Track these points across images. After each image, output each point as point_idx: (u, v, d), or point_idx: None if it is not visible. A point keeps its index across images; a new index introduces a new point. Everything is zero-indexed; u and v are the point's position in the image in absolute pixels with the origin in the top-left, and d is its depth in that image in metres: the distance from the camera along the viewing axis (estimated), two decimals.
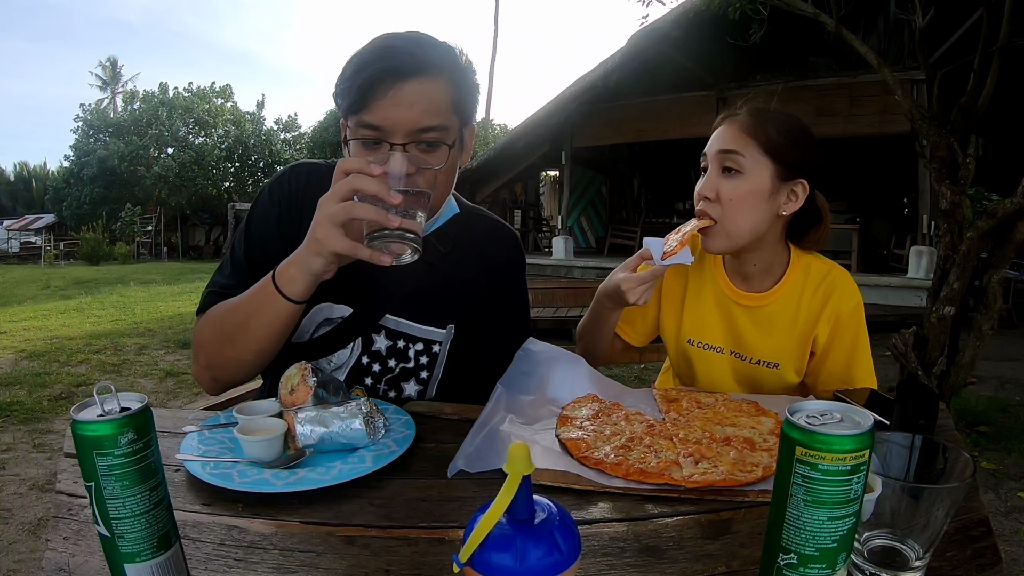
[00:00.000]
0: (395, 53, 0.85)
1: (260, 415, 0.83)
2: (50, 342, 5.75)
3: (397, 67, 0.83)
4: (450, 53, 0.90)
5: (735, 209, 1.03)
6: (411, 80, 0.84)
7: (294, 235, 0.92)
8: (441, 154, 0.88)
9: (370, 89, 0.84)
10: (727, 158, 1.03)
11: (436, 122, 0.86)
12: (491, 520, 0.42)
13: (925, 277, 6.11)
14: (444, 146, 0.88)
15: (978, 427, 3.31)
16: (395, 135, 0.85)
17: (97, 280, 12.07)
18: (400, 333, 1.05)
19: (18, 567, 2.06)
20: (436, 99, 0.86)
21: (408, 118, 0.84)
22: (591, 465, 0.74)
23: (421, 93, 0.84)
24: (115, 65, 33.06)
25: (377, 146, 0.87)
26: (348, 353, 1.04)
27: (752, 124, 1.04)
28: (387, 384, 1.07)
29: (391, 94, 0.83)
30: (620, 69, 7.80)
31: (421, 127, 0.85)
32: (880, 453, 0.57)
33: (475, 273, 1.07)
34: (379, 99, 0.84)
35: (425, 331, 1.05)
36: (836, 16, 3.46)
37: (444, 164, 0.88)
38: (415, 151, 0.87)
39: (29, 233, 24.27)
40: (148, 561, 0.52)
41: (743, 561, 0.58)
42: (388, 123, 0.85)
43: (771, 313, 1.11)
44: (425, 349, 1.06)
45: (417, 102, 0.84)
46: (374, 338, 1.04)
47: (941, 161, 2.97)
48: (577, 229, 11.47)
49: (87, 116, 23.19)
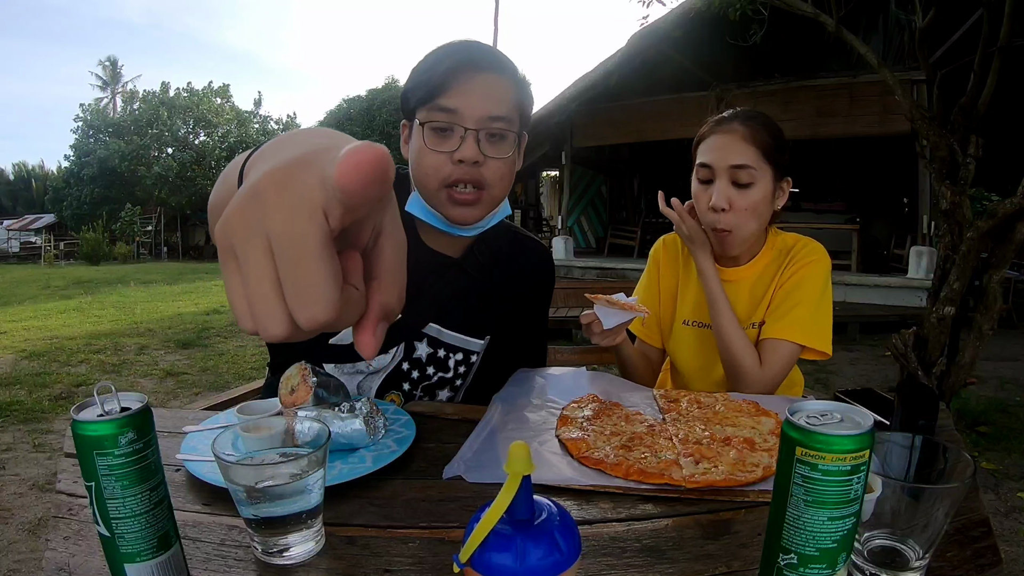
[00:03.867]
0: (471, 49, 0.92)
1: (261, 415, 0.83)
2: (50, 342, 5.75)
3: (475, 59, 0.91)
4: (514, 64, 0.97)
5: (749, 217, 1.11)
6: (486, 72, 0.91)
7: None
8: (507, 145, 0.93)
9: (450, 75, 0.90)
10: (739, 173, 1.08)
11: (504, 112, 0.92)
12: (491, 520, 0.42)
13: (925, 277, 6.10)
14: (511, 135, 0.94)
15: (978, 427, 3.31)
16: (468, 120, 0.90)
17: (97, 280, 12.07)
18: (442, 343, 1.07)
19: (18, 567, 2.06)
20: (506, 93, 0.93)
21: (482, 105, 0.90)
22: (591, 465, 0.74)
23: (495, 84, 0.92)
24: (115, 65, 33.07)
25: (447, 132, 0.91)
26: (389, 358, 1.05)
27: (751, 134, 1.08)
28: (423, 391, 1.09)
29: (467, 81, 0.90)
30: (620, 69, 7.80)
31: (492, 115, 0.91)
32: (880, 453, 0.57)
33: (512, 288, 1.12)
34: (457, 85, 0.90)
35: (465, 341, 1.08)
36: (836, 16, 3.46)
37: (508, 155, 0.94)
38: (485, 140, 0.92)
39: (29, 233, 24.28)
40: (148, 561, 0.53)
41: (743, 561, 0.58)
42: (464, 107, 0.90)
43: (753, 281, 1.20)
44: (464, 359, 1.09)
45: (491, 92, 0.91)
46: (416, 345, 1.06)
47: (941, 161, 2.98)
48: (577, 229, 11.46)
49: (87, 116, 23.20)
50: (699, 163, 1.13)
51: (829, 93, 7.39)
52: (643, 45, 7.33)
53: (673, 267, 1.30)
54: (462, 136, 0.90)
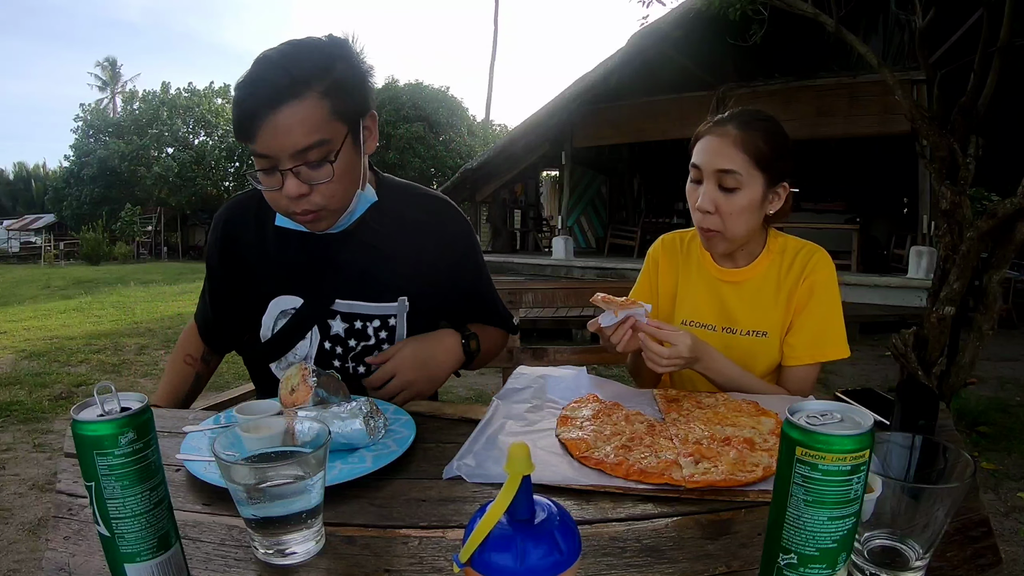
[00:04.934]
0: (263, 84, 0.88)
1: (260, 415, 0.83)
2: (50, 342, 5.75)
3: (268, 98, 0.87)
4: (325, 59, 0.91)
5: (735, 220, 1.11)
6: (283, 107, 0.86)
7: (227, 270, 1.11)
8: (327, 169, 0.92)
9: (249, 121, 0.88)
10: (725, 177, 1.09)
11: (315, 139, 0.89)
12: (491, 520, 0.42)
13: (925, 277, 6.10)
14: (333, 150, 0.91)
15: (978, 427, 3.31)
16: (281, 161, 0.90)
17: (97, 280, 12.07)
18: (355, 315, 1.10)
19: (18, 567, 2.06)
20: (310, 117, 0.88)
21: (288, 142, 0.88)
22: (591, 465, 0.74)
23: (295, 114, 0.87)
24: (115, 65, 33.10)
25: (270, 172, 0.91)
26: (308, 343, 1.10)
27: (743, 139, 1.08)
28: (354, 361, 1.12)
29: (268, 123, 0.87)
30: (620, 69, 7.79)
31: (301, 147, 0.88)
32: (880, 453, 0.57)
33: (421, 243, 1.12)
34: (260, 130, 0.88)
35: (378, 308, 1.11)
36: (836, 16, 3.46)
37: (332, 177, 0.92)
38: (305, 170, 0.90)
39: (29, 233, 24.30)
40: (148, 561, 0.53)
41: (743, 561, 0.58)
42: (273, 149, 0.89)
43: (755, 285, 1.19)
44: (382, 324, 1.12)
45: (294, 125, 0.87)
46: (330, 324, 1.10)
47: (941, 161, 2.97)
48: (577, 229, 11.47)
49: (87, 116, 23.21)
50: (691, 162, 1.14)
51: (829, 93, 7.40)
52: (643, 45, 7.33)
53: (673, 267, 1.29)
54: (283, 174, 0.90)
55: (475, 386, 4.27)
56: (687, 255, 1.27)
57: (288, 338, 1.09)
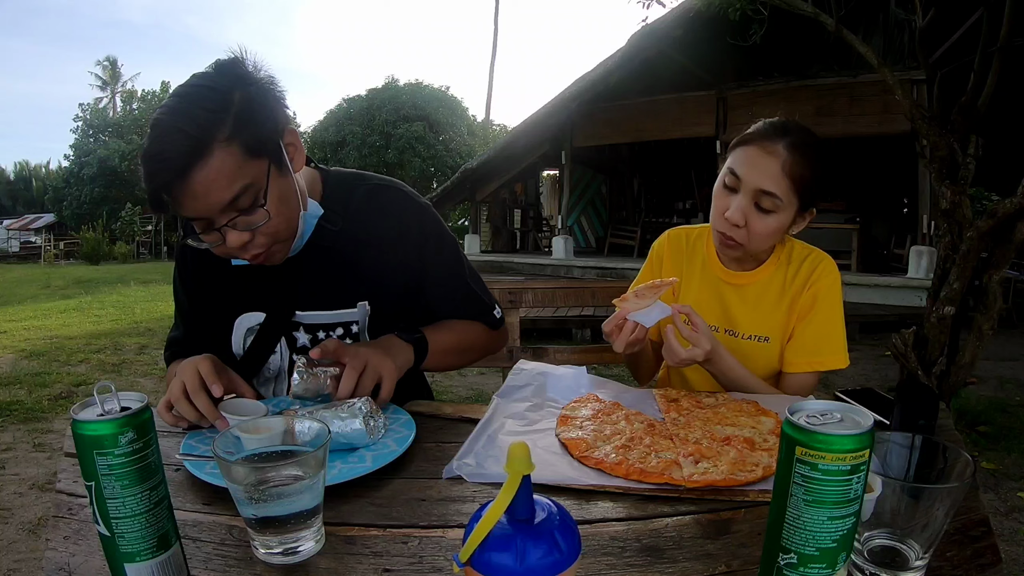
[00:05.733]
0: (166, 154, 0.82)
1: (250, 416, 0.83)
2: (50, 342, 5.75)
3: (176, 168, 0.81)
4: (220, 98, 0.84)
5: (761, 240, 1.09)
6: (193, 171, 0.81)
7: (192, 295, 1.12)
8: (260, 213, 0.88)
9: (167, 196, 0.84)
10: (764, 198, 1.05)
11: (237, 188, 0.85)
12: (491, 520, 0.42)
13: (925, 277, 6.10)
14: (259, 193, 0.88)
15: (978, 427, 3.32)
16: (214, 220, 0.87)
17: (97, 280, 12.07)
18: (317, 325, 1.09)
19: (18, 567, 2.06)
20: (224, 170, 0.83)
21: (211, 203, 0.84)
22: (591, 465, 0.74)
23: (207, 176, 0.82)
24: (115, 65, 33.06)
25: (210, 231, 0.88)
26: (279, 357, 1.09)
27: (792, 164, 1.04)
28: None
29: (185, 193, 0.83)
30: (620, 69, 7.80)
31: (227, 202, 0.85)
32: (880, 453, 0.57)
33: (373, 238, 1.08)
34: (179, 201, 0.84)
35: (337, 315, 1.09)
36: (836, 16, 3.46)
37: (269, 217, 0.88)
38: (242, 218, 0.87)
39: (29, 233, 24.31)
40: (148, 561, 0.53)
41: (743, 561, 0.58)
42: (199, 211, 0.85)
43: (759, 290, 1.18)
44: (346, 332, 1.10)
45: (209, 186, 0.83)
46: (296, 336, 1.09)
47: (941, 161, 2.97)
48: (577, 229, 11.47)
49: (87, 116, 23.22)
50: (729, 167, 1.08)
51: (829, 93, 7.40)
52: (643, 45, 7.33)
53: (677, 263, 1.27)
54: (220, 231, 0.87)
55: (475, 386, 4.28)
56: (692, 253, 1.25)
57: (258, 355, 1.08)
